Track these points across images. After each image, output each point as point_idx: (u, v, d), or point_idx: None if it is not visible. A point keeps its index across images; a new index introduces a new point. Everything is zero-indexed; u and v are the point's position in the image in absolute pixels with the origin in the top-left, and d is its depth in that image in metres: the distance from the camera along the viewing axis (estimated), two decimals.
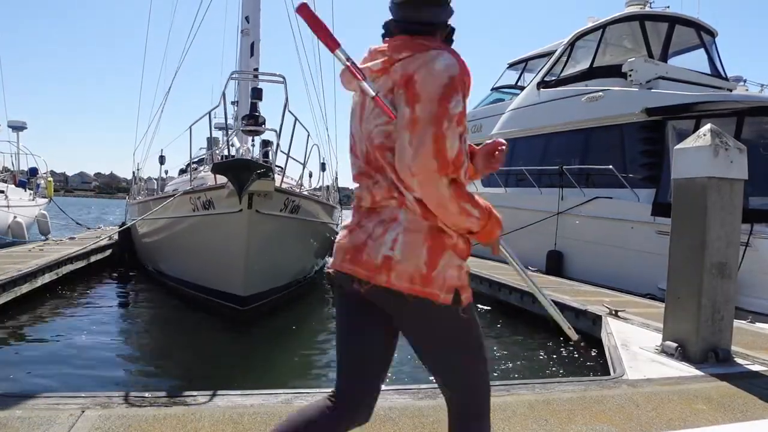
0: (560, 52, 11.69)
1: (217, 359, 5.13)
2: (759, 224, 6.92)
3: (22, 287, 6.38)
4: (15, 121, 18.67)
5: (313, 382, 4.54)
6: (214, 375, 4.54)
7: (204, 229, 6.50)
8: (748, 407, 3.03)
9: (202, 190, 6.37)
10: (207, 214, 6.33)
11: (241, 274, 6.09)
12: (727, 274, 3.82)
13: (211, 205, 6.22)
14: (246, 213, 5.73)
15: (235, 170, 5.38)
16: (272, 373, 4.72)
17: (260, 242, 6.08)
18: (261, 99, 6.32)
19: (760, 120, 7.77)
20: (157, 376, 4.55)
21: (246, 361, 5.08)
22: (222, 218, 6.07)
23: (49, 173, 19.23)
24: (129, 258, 10.34)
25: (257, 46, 7.02)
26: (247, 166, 5.39)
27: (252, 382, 4.11)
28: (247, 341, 5.76)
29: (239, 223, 5.84)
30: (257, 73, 6.54)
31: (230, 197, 5.74)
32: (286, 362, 5.00)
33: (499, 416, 2.75)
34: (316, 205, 8.03)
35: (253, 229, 5.87)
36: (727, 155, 3.78)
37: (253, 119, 6.29)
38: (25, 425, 2.37)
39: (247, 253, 5.97)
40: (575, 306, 5.99)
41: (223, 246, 6.19)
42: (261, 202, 5.83)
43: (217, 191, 6.02)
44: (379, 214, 1.40)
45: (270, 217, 6.13)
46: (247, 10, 8.51)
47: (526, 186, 11.31)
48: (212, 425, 2.47)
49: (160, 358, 5.03)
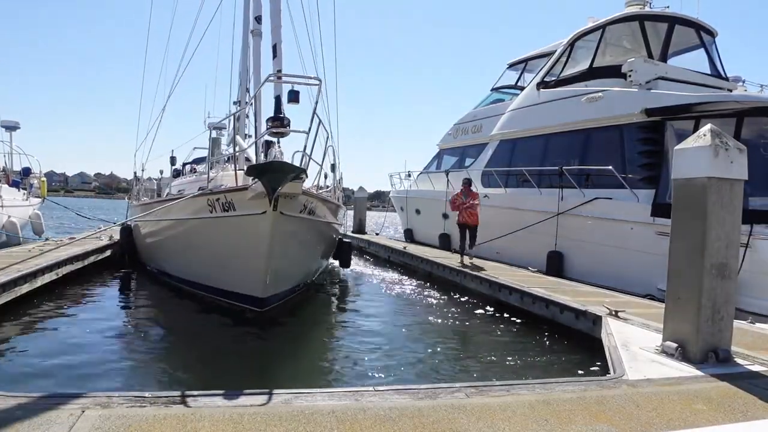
0: (560, 53, 11.69)
1: (217, 359, 5.13)
2: (759, 225, 6.92)
3: (22, 287, 6.38)
4: (8, 121, 18.75)
5: (314, 382, 4.54)
6: (215, 375, 4.54)
7: (222, 230, 6.48)
8: (748, 407, 3.04)
9: (222, 192, 6.34)
10: (227, 216, 6.30)
11: (262, 276, 6.08)
12: (727, 274, 3.82)
13: (232, 207, 6.20)
14: (270, 215, 5.73)
15: (271, 172, 5.43)
16: (273, 372, 4.72)
17: (282, 243, 6.08)
18: (298, 102, 6.30)
19: (760, 120, 7.77)
20: (157, 376, 4.55)
21: (246, 361, 5.08)
22: (244, 220, 6.04)
23: (43, 173, 19.25)
24: (129, 258, 10.34)
25: (279, 48, 7.00)
26: (282, 168, 5.43)
27: (252, 382, 4.11)
28: (248, 341, 5.75)
29: (263, 225, 5.82)
30: (295, 75, 6.51)
31: (254, 199, 5.75)
32: (286, 362, 5.00)
33: (499, 416, 2.75)
34: (327, 206, 8.06)
35: (275, 230, 5.86)
36: (726, 155, 3.78)
37: (278, 121, 6.30)
38: (25, 425, 2.38)
39: (270, 255, 5.97)
40: (575, 306, 5.99)
41: (244, 248, 6.17)
42: (285, 204, 5.84)
43: (239, 193, 6.02)
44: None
45: (292, 218, 6.15)
46: (257, 11, 8.52)
47: (526, 186, 11.31)
48: (212, 425, 2.48)
49: (160, 358, 5.03)
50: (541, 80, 11.89)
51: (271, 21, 7.40)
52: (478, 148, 13.86)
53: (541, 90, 11.78)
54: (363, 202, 20.22)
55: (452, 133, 15.75)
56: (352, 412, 2.71)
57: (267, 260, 5.98)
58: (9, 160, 18.26)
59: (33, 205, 16.49)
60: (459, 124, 15.37)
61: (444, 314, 7.53)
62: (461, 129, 15.20)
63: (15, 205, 14.41)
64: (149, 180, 13.63)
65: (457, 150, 15.28)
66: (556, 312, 6.33)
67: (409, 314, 7.52)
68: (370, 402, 2.88)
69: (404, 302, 8.42)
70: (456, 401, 2.96)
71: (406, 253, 12.38)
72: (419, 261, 11.41)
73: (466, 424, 2.63)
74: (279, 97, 6.56)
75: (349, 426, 2.54)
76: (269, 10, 7.47)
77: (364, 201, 20.32)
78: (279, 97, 6.56)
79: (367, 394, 3.01)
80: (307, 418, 2.60)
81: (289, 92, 6.35)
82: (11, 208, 13.81)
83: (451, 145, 15.69)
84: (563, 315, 6.18)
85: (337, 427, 2.53)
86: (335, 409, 2.74)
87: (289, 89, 6.35)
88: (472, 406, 2.88)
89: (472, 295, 8.45)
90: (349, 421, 2.60)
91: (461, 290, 8.90)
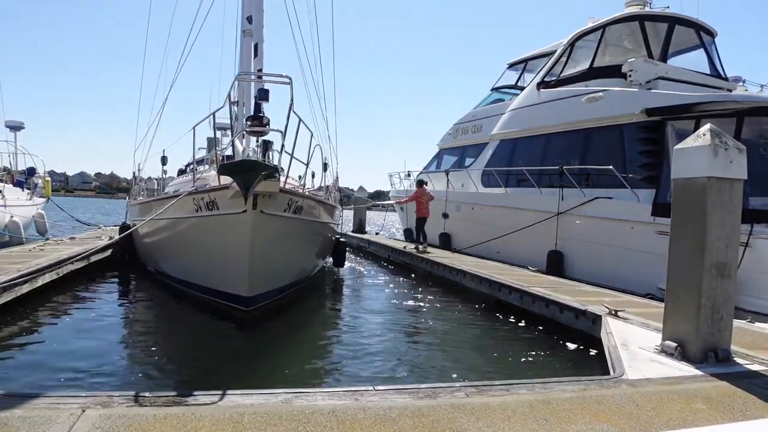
0: (560, 53, 11.70)
1: (217, 359, 5.13)
2: (758, 224, 6.93)
3: (22, 287, 6.38)
4: (12, 121, 18.80)
5: (314, 382, 4.55)
6: (215, 375, 4.55)
7: (208, 229, 6.50)
8: (748, 407, 3.04)
9: (206, 191, 6.36)
10: (210, 215, 6.33)
11: (246, 275, 6.09)
12: (727, 274, 3.82)
13: (215, 206, 6.22)
14: (251, 213, 5.74)
15: (242, 171, 5.39)
16: (273, 372, 4.73)
17: (264, 242, 6.08)
18: (267, 100, 6.30)
19: (760, 120, 7.77)
20: (157, 376, 4.55)
21: (247, 361, 5.08)
22: (226, 219, 6.06)
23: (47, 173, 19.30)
24: (129, 258, 10.34)
25: (261, 47, 7.01)
26: (254, 166, 5.40)
27: (253, 381, 4.12)
28: (248, 341, 5.76)
29: (244, 224, 5.84)
30: (263, 74, 6.51)
31: (234, 198, 5.75)
32: (286, 362, 5.00)
33: (499, 416, 2.75)
34: (319, 206, 8.03)
35: (257, 229, 5.87)
36: (726, 155, 3.78)
37: (257, 120, 6.29)
38: (25, 425, 2.38)
39: (252, 254, 5.97)
40: (575, 306, 5.99)
41: (228, 247, 6.19)
42: (265, 203, 5.84)
43: (221, 192, 6.02)
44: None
45: (274, 217, 6.14)
46: (249, 11, 8.52)
47: (527, 186, 11.32)
48: (212, 425, 2.48)
49: (160, 358, 5.03)
50: (542, 80, 11.90)
51: (253, 21, 7.41)
52: (478, 148, 13.87)
53: (541, 90, 11.79)
54: (363, 202, 20.25)
55: (452, 133, 15.75)
56: (352, 412, 2.71)
57: (249, 259, 5.98)
58: (13, 160, 18.31)
59: (37, 204, 16.54)
60: (459, 124, 15.38)
61: (444, 314, 7.54)
62: (461, 129, 15.20)
63: (18, 205, 14.44)
64: (149, 180, 13.62)
65: (457, 150, 15.29)
66: (555, 311, 6.33)
67: (408, 314, 7.52)
68: (369, 402, 2.88)
69: (404, 301, 8.42)
70: (456, 401, 2.96)
71: (406, 252, 12.40)
72: (419, 260, 11.41)
73: (466, 423, 2.63)
74: (261, 96, 6.55)
75: (349, 426, 2.54)
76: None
77: (364, 201, 20.35)
78: (261, 96, 6.55)
79: (367, 393, 3.01)
80: (307, 418, 2.60)
81: (258, 90, 6.35)
82: (15, 207, 13.83)
83: (451, 145, 15.69)
84: (563, 314, 6.19)
85: (337, 426, 2.53)
86: (335, 409, 2.74)
87: (259, 87, 6.34)
88: (472, 406, 2.88)
89: (472, 295, 8.45)
90: (349, 420, 2.60)
91: (461, 290, 8.90)
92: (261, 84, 6.57)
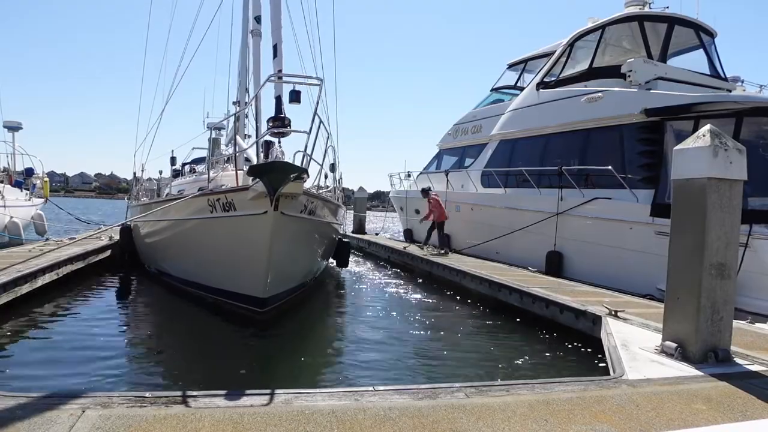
0: (560, 53, 11.70)
1: (217, 359, 5.13)
2: (758, 225, 6.93)
3: (22, 287, 6.38)
4: (10, 122, 18.82)
5: (314, 382, 4.55)
6: (215, 375, 4.55)
7: (223, 230, 6.47)
8: (748, 407, 3.04)
9: (223, 192, 6.33)
10: (227, 216, 6.29)
11: (263, 276, 6.07)
12: (727, 274, 3.83)
13: (232, 207, 6.19)
14: (271, 215, 5.72)
15: (272, 172, 5.43)
16: (273, 373, 4.73)
17: (282, 244, 6.07)
18: (299, 101, 6.30)
19: (759, 120, 7.77)
20: (157, 376, 4.55)
21: (246, 361, 5.08)
22: (245, 220, 6.03)
23: (45, 174, 19.32)
24: (129, 259, 10.33)
25: (280, 48, 7.01)
26: (284, 168, 5.44)
27: (252, 382, 4.12)
28: (249, 341, 5.76)
29: (264, 225, 5.82)
30: (296, 75, 6.50)
31: (255, 199, 5.75)
32: (287, 362, 5.00)
33: (499, 416, 2.75)
34: (329, 206, 8.04)
35: (276, 230, 5.86)
36: (726, 156, 3.79)
37: (279, 121, 6.29)
38: (25, 425, 2.38)
39: (270, 255, 5.96)
40: (575, 306, 6.00)
41: (244, 248, 6.16)
42: (286, 204, 5.84)
43: (240, 193, 6.01)
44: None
45: (292, 218, 6.14)
46: (257, 11, 8.51)
47: (526, 186, 11.32)
48: (212, 425, 2.48)
49: (160, 358, 5.03)
50: (541, 80, 11.90)
51: (271, 21, 7.41)
52: (478, 149, 13.87)
53: (540, 90, 11.79)
54: (363, 202, 20.23)
55: (452, 133, 15.75)
56: (352, 412, 2.71)
57: (268, 261, 5.97)
58: (11, 160, 18.33)
59: (36, 205, 16.55)
60: (459, 124, 15.37)
61: (444, 314, 7.54)
62: (461, 129, 15.20)
63: (17, 206, 14.44)
64: (149, 180, 13.63)
65: (456, 150, 15.28)
66: (555, 312, 6.33)
67: (408, 314, 7.52)
68: (370, 402, 2.88)
69: (404, 302, 8.42)
70: (456, 401, 2.96)
71: (406, 253, 12.39)
72: (419, 261, 11.41)
73: (466, 423, 2.64)
74: (280, 97, 6.55)
75: (349, 426, 2.54)
76: (269, 10, 7.48)
77: (364, 201, 20.34)
78: (280, 97, 6.55)
79: (367, 394, 3.01)
80: (307, 418, 2.60)
81: (290, 92, 6.34)
82: (13, 208, 13.84)
83: (451, 145, 15.69)
84: (563, 315, 6.19)
85: (337, 427, 2.53)
86: (335, 409, 2.74)
87: (290, 89, 6.35)
88: (472, 406, 2.88)
89: (472, 295, 8.46)
90: (349, 421, 2.60)
91: (461, 290, 8.90)
92: (281, 85, 6.56)
